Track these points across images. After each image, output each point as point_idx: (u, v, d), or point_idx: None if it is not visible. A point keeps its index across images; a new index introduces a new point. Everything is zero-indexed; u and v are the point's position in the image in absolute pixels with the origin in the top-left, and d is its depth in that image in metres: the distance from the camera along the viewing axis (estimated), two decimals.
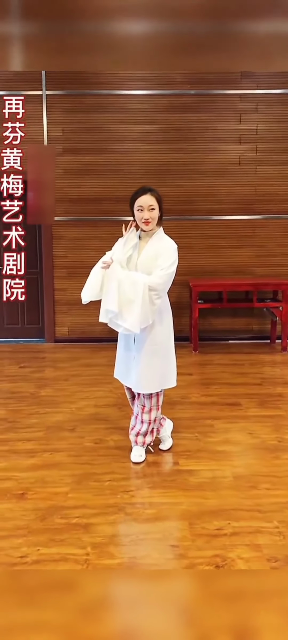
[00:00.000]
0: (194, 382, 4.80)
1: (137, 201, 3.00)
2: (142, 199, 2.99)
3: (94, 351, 6.01)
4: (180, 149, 6.31)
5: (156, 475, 2.98)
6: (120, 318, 2.92)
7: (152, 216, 3.00)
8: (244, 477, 2.95)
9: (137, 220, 3.04)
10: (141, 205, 2.98)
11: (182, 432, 3.57)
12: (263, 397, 4.36)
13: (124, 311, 2.90)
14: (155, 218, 3.02)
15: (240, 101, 6.29)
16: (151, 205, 2.99)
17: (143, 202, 2.98)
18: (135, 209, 3.01)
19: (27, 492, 2.80)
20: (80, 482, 2.91)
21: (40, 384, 4.81)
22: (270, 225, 6.45)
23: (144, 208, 2.98)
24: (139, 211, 2.99)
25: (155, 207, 3.01)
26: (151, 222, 3.00)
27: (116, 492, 2.79)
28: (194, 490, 2.80)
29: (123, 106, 6.24)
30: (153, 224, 3.02)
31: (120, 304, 2.90)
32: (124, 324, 2.91)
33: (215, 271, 6.49)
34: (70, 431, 3.65)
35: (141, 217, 3.00)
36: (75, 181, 6.31)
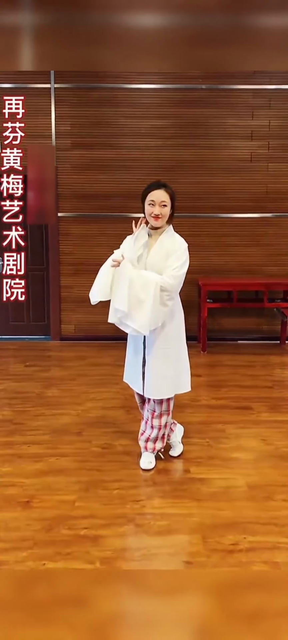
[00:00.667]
0: (204, 384, 4.67)
1: (150, 195, 2.87)
2: (155, 194, 2.86)
3: (100, 350, 5.89)
4: (191, 145, 6.17)
5: (167, 484, 2.86)
6: (129, 318, 2.79)
7: (162, 213, 2.87)
8: (259, 487, 2.82)
9: (147, 215, 2.90)
10: (153, 200, 2.85)
11: (193, 438, 3.45)
12: (275, 400, 4.23)
13: (134, 311, 2.78)
14: (165, 215, 2.89)
15: (253, 97, 6.14)
16: (163, 201, 2.86)
17: (155, 197, 2.85)
18: (147, 202, 2.88)
19: (33, 500, 2.69)
20: (88, 489, 2.80)
21: (46, 384, 4.70)
22: (282, 223, 6.30)
23: (156, 203, 2.85)
24: (150, 205, 2.87)
25: (167, 204, 2.88)
26: (161, 219, 2.87)
27: (125, 502, 2.68)
28: (207, 501, 2.68)
29: (133, 100, 6.10)
30: (163, 220, 2.89)
31: (130, 303, 2.77)
32: (133, 324, 2.79)
33: (224, 270, 6.35)
34: (77, 435, 3.54)
35: (151, 212, 2.86)
36: (83, 176, 6.18)
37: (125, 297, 2.76)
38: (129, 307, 2.77)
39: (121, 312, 2.79)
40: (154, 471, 3.01)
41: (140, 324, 2.77)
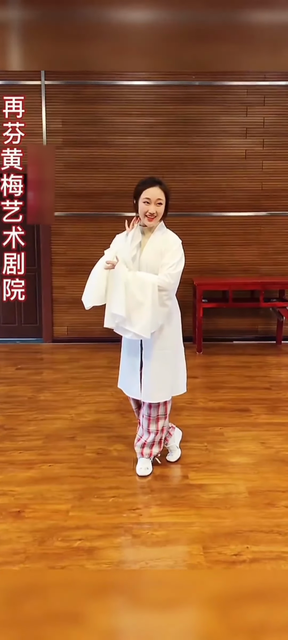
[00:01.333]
0: (200, 385, 4.57)
1: (145, 192, 2.74)
2: (151, 191, 2.73)
3: (93, 352, 5.77)
4: (184, 142, 6.07)
5: (164, 491, 2.75)
6: (128, 323, 2.67)
7: (158, 211, 2.75)
8: (260, 493, 2.72)
9: (141, 213, 2.77)
10: (148, 198, 2.73)
11: (190, 442, 3.34)
12: (273, 402, 4.14)
13: (133, 315, 2.65)
14: (160, 214, 2.77)
15: (247, 93, 6.06)
16: (159, 199, 2.74)
17: (151, 195, 2.73)
18: (141, 200, 2.75)
19: (24, 510, 2.57)
20: (82, 498, 2.68)
21: (39, 387, 4.57)
22: (277, 222, 6.22)
23: (151, 201, 2.73)
24: (145, 204, 2.73)
25: (162, 202, 2.76)
26: (156, 218, 2.76)
27: (122, 510, 2.56)
28: (207, 509, 2.57)
29: (125, 97, 5.99)
30: (157, 219, 2.77)
31: (128, 307, 2.65)
32: (132, 329, 2.66)
33: (219, 269, 6.25)
34: (71, 440, 3.42)
35: (146, 211, 2.74)
36: (75, 175, 6.06)
37: (122, 301, 2.64)
38: (127, 311, 2.65)
39: (119, 317, 2.67)
40: (151, 477, 2.89)
41: (140, 328, 2.65)
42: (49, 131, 6.00)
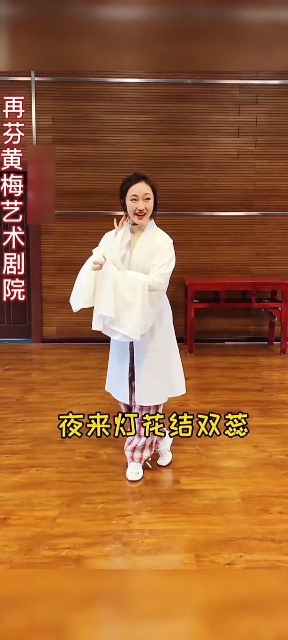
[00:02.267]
0: (192, 387, 4.49)
1: (131, 189, 2.66)
2: (137, 187, 2.65)
3: (84, 352, 5.68)
4: (176, 141, 6.00)
5: (155, 496, 2.67)
6: (117, 324, 2.59)
7: (147, 207, 2.67)
8: (253, 498, 2.65)
9: (130, 212, 2.69)
10: (135, 195, 2.65)
11: (182, 445, 3.26)
12: (265, 404, 4.08)
13: (122, 316, 2.57)
14: (150, 209, 2.70)
15: (239, 92, 6.01)
16: (146, 194, 2.66)
17: (137, 191, 2.65)
18: (128, 198, 2.67)
19: (10, 517, 2.48)
20: (71, 504, 2.59)
21: (27, 389, 4.47)
22: (269, 222, 6.18)
23: (139, 198, 2.65)
24: (133, 201, 2.66)
25: (150, 197, 2.68)
26: (146, 214, 2.68)
27: (111, 517, 2.48)
28: (199, 515, 2.50)
29: (116, 95, 5.91)
30: (147, 216, 2.70)
31: (117, 308, 2.56)
32: (121, 330, 2.58)
33: (211, 269, 6.20)
34: (59, 443, 3.33)
35: (135, 208, 2.66)
36: (65, 173, 5.97)
37: (111, 302, 2.55)
38: (116, 313, 2.57)
39: (108, 318, 2.59)
40: (142, 482, 2.82)
41: (129, 329, 2.57)
42: (39, 128, 5.91)
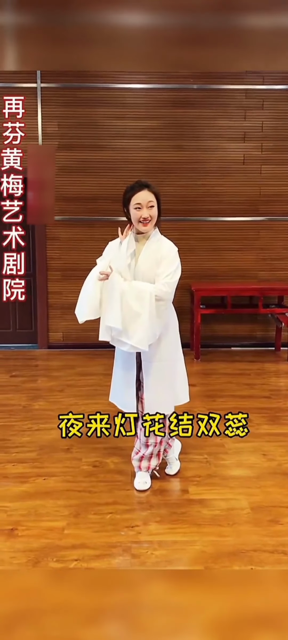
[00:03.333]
0: (198, 394, 4.47)
1: (134, 198, 2.63)
2: (140, 196, 2.63)
3: (89, 358, 5.66)
4: (182, 147, 5.99)
5: (164, 507, 2.64)
6: (124, 335, 2.56)
7: (151, 215, 2.64)
8: (263, 508, 2.62)
9: (134, 221, 2.67)
10: (139, 203, 2.62)
11: (190, 454, 3.24)
12: (273, 411, 4.05)
13: (130, 327, 2.54)
14: (154, 217, 2.67)
15: (245, 97, 5.99)
16: (150, 201, 2.64)
17: (141, 199, 2.62)
18: (132, 207, 2.65)
19: (18, 528, 2.45)
20: (78, 514, 2.57)
21: (33, 396, 4.46)
22: (276, 227, 6.15)
23: (143, 206, 2.62)
24: (137, 209, 2.63)
25: (154, 204, 2.65)
26: (150, 222, 2.65)
27: (119, 528, 2.45)
28: (208, 526, 2.47)
29: (122, 101, 5.91)
30: (152, 223, 2.67)
31: (125, 318, 2.54)
32: (129, 341, 2.55)
33: (217, 275, 6.17)
34: (66, 451, 3.31)
35: (139, 216, 2.63)
36: (71, 179, 5.96)
37: (118, 313, 2.53)
38: (124, 323, 2.54)
39: (115, 329, 2.56)
40: (150, 492, 2.79)
41: (138, 340, 2.54)
42: (45, 134, 5.91)
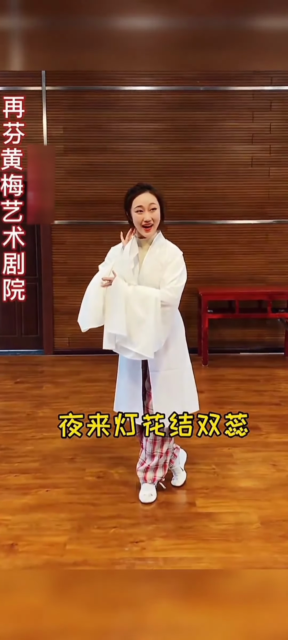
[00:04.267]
0: (206, 401, 4.36)
1: (135, 200, 2.55)
2: (142, 198, 2.54)
3: (96, 364, 5.57)
4: (189, 149, 5.90)
5: (170, 520, 2.55)
6: (129, 342, 2.47)
7: (154, 217, 2.56)
8: (274, 522, 2.51)
9: (136, 224, 2.58)
10: (141, 206, 2.54)
11: (197, 464, 3.14)
12: (284, 419, 3.93)
13: (134, 334, 2.46)
14: (157, 220, 2.58)
15: (253, 98, 5.89)
16: (152, 204, 2.55)
17: (143, 202, 2.54)
18: (133, 210, 2.56)
19: (18, 543, 2.37)
20: (81, 529, 2.48)
21: (38, 403, 4.38)
22: (285, 230, 6.04)
23: (145, 208, 2.54)
24: (139, 212, 2.55)
25: (156, 207, 2.56)
26: (153, 225, 2.56)
27: (123, 543, 2.36)
28: (216, 541, 2.36)
29: (128, 103, 5.83)
30: (155, 227, 2.58)
31: (129, 325, 2.45)
32: (134, 348, 2.47)
33: (224, 279, 6.06)
34: (70, 461, 3.22)
35: (141, 220, 2.54)
36: (76, 182, 5.90)
37: (122, 319, 2.44)
38: (128, 330, 2.45)
39: (119, 336, 2.47)
40: (155, 504, 2.70)
41: (143, 347, 2.45)
42: (50, 137, 5.85)
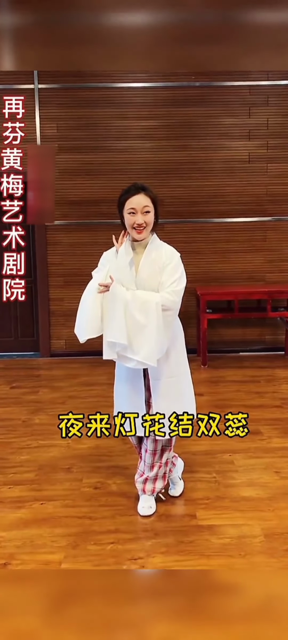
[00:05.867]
0: (206, 404, 4.26)
1: (128, 202, 2.44)
2: (135, 200, 2.43)
3: (93, 367, 5.47)
4: (185, 146, 5.79)
5: (170, 534, 2.45)
6: (130, 350, 2.37)
7: (147, 221, 2.44)
8: (278, 535, 2.42)
9: (128, 226, 2.47)
10: (133, 208, 2.43)
11: (197, 472, 3.04)
12: (286, 423, 3.84)
13: (135, 341, 2.35)
14: (150, 223, 2.46)
15: (250, 93, 5.78)
16: (146, 206, 2.43)
17: (136, 204, 2.43)
18: (126, 211, 2.45)
19: (11, 562, 2.27)
20: (77, 545, 2.38)
21: (34, 409, 4.28)
22: (283, 227, 5.94)
23: (137, 211, 2.42)
24: (131, 215, 2.43)
25: (150, 210, 2.45)
26: (145, 229, 2.44)
27: (121, 560, 2.26)
28: (218, 557, 2.27)
29: (122, 100, 5.72)
30: (147, 231, 2.46)
31: (129, 332, 2.34)
32: (135, 356, 2.36)
33: (223, 278, 5.96)
34: (66, 472, 3.12)
35: (133, 222, 2.43)
36: (71, 182, 5.79)
37: (122, 327, 2.33)
38: (129, 338, 2.35)
39: (120, 345, 2.37)
40: (155, 517, 2.60)
41: (145, 355, 2.34)
42: (44, 136, 5.74)
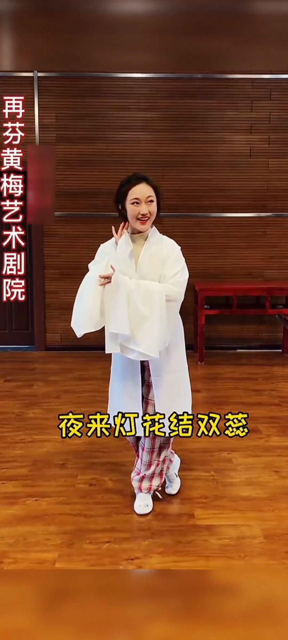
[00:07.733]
0: (204, 401, 4.20)
1: (131, 192, 2.35)
2: (138, 189, 2.35)
3: (88, 361, 5.39)
4: (185, 139, 5.70)
5: (167, 534, 2.38)
6: (132, 341, 2.29)
7: (151, 210, 2.37)
8: (278, 537, 2.35)
9: (131, 218, 2.39)
10: (137, 198, 2.35)
11: (195, 470, 2.97)
12: (284, 421, 3.78)
13: (137, 332, 2.27)
14: (154, 213, 2.40)
15: (252, 86, 5.70)
16: (150, 196, 2.36)
17: (139, 193, 2.35)
18: (129, 202, 2.37)
19: (4, 560, 2.19)
20: (72, 543, 2.31)
21: (28, 402, 4.20)
22: (284, 223, 5.87)
23: (141, 201, 2.35)
24: (134, 205, 2.35)
25: (153, 199, 2.38)
26: (149, 220, 2.38)
27: (117, 560, 2.19)
28: (217, 558, 2.20)
29: (123, 91, 5.63)
30: (151, 220, 2.40)
31: (132, 323, 2.27)
32: (138, 347, 2.28)
33: (222, 273, 5.89)
34: (60, 467, 3.04)
35: (137, 213, 2.35)
36: (69, 173, 5.69)
37: (124, 317, 2.26)
38: (131, 328, 2.27)
39: (122, 336, 2.29)
40: (151, 516, 2.53)
41: (147, 346, 2.27)
42: (42, 126, 5.64)
